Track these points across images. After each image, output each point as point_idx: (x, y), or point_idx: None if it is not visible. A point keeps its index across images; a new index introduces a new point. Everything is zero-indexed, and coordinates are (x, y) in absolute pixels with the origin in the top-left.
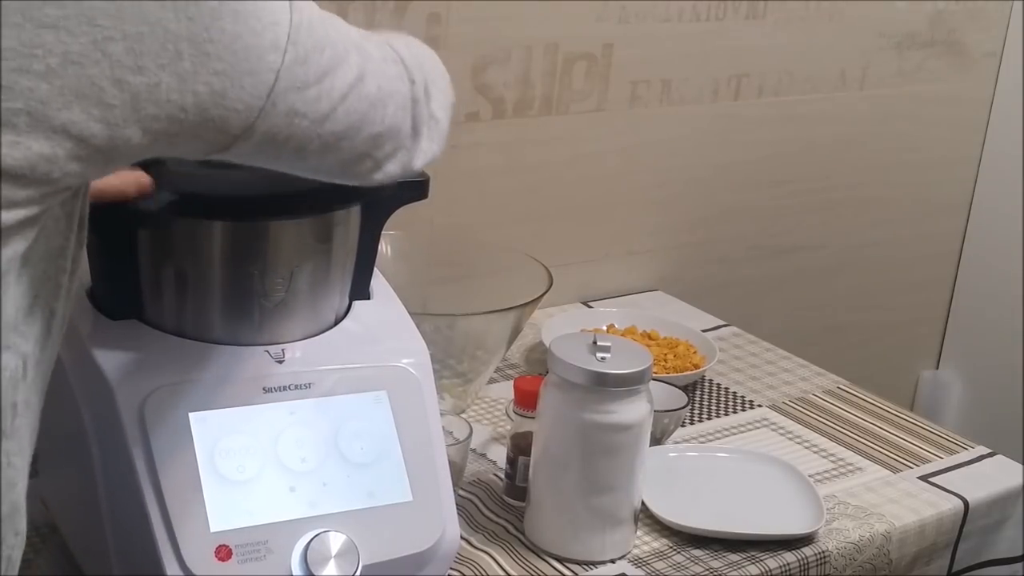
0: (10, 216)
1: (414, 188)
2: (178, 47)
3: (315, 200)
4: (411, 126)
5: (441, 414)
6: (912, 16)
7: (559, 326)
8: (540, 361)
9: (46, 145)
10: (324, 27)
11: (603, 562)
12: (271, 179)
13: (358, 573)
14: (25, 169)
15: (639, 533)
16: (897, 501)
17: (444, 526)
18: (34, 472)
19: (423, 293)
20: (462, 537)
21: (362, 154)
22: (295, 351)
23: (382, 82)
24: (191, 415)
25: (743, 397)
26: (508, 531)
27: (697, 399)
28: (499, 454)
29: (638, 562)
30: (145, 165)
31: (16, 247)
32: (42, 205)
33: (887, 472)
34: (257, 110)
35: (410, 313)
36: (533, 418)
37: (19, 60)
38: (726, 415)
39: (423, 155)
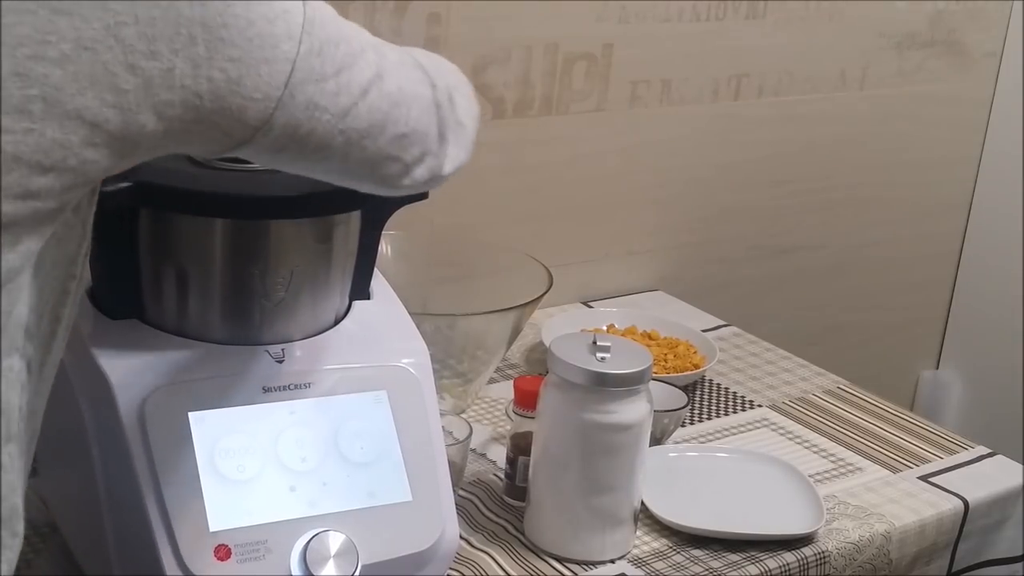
0: (25, 207)
1: None
2: (191, 32)
3: (317, 201)
4: (437, 131)
5: (441, 414)
6: (912, 16)
7: (559, 326)
8: (540, 361)
9: (59, 131)
10: (337, 24)
11: (603, 562)
12: (277, 180)
13: (357, 573)
14: (40, 156)
15: (639, 533)
16: (897, 501)
17: (443, 526)
18: (34, 472)
19: (423, 293)
20: (462, 537)
21: (388, 156)
22: (295, 351)
23: (403, 83)
24: (191, 415)
25: (743, 397)
26: (508, 531)
27: (697, 399)
28: (499, 454)
29: (638, 562)
30: None
31: (31, 244)
32: (59, 199)
33: (887, 472)
34: (275, 100)
35: (410, 313)
36: (533, 418)
37: (33, 47)
38: (726, 415)
39: (451, 161)
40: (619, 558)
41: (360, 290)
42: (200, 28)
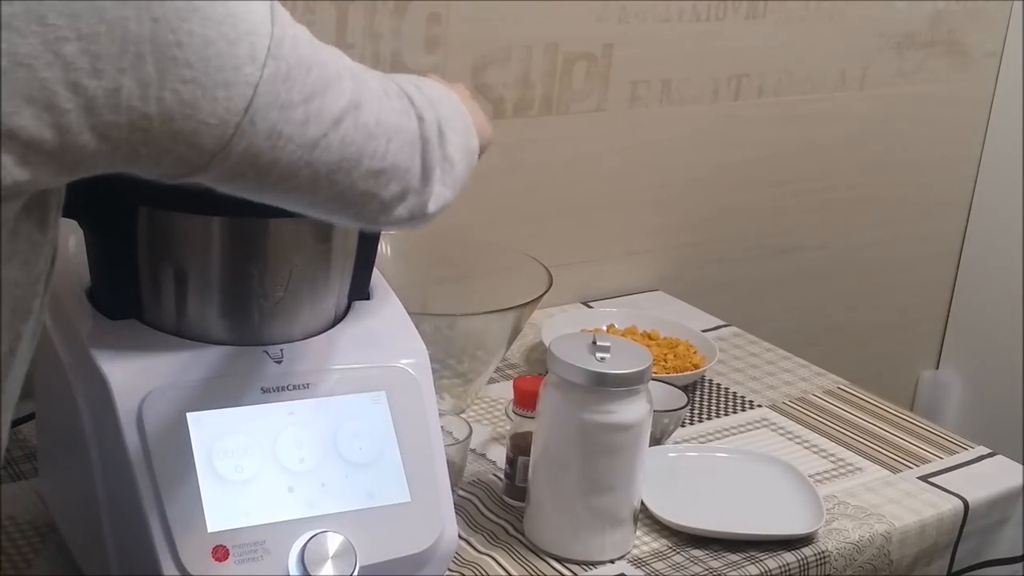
0: None
1: None
2: (140, 49)
3: None
4: (420, 167)
5: (441, 414)
6: (912, 16)
7: (559, 326)
8: (540, 361)
9: None
10: (312, 47)
11: (603, 562)
12: None
13: (355, 574)
14: None
15: (639, 533)
16: (897, 501)
17: (442, 527)
18: (33, 471)
19: (423, 293)
20: (461, 537)
21: (364, 192)
22: (294, 351)
23: (382, 114)
24: (189, 415)
25: (743, 397)
26: (508, 531)
27: (697, 399)
28: (499, 454)
29: (638, 562)
30: None
31: None
32: None
33: (887, 472)
34: (233, 126)
35: (410, 313)
36: (533, 418)
37: None
38: (726, 415)
39: (437, 200)
40: (619, 558)
41: (359, 290)
42: (150, 46)
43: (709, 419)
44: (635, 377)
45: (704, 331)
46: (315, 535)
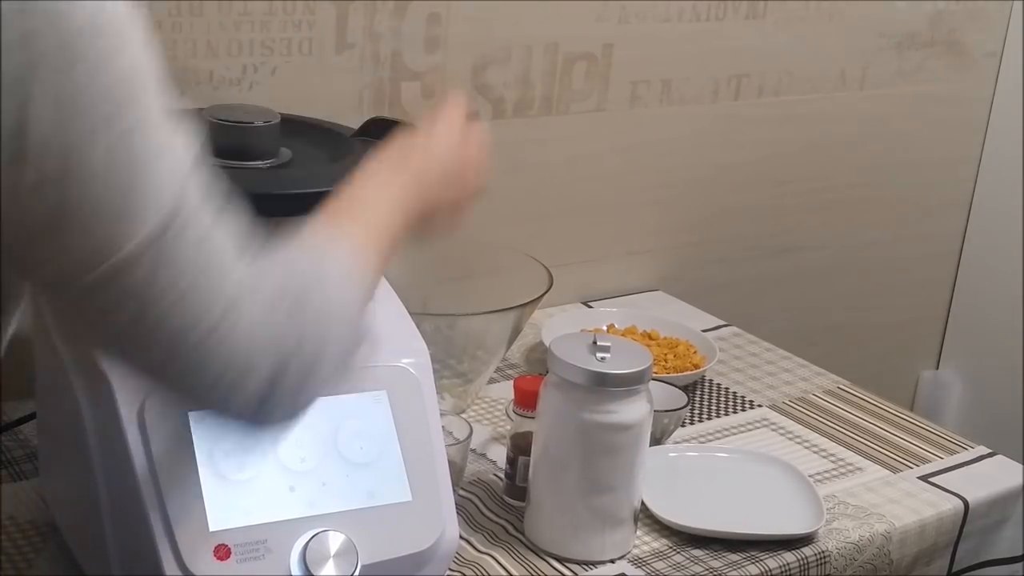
0: None
1: None
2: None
3: (315, 199)
4: (256, 406)
5: (441, 414)
6: (912, 16)
7: (559, 326)
8: (540, 361)
9: None
10: (203, 240)
11: (603, 562)
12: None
13: (356, 573)
14: None
15: (639, 533)
16: (897, 501)
17: (443, 526)
18: (34, 471)
19: (423, 293)
20: (462, 537)
21: (188, 394)
22: None
23: (255, 330)
24: (191, 415)
25: (743, 397)
26: (508, 531)
27: (697, 399)
28: (499, 454)
29: (638, 562)
30: None
31: None
32: None
33: (887, 472)
34: (75, 285)
35: (410, 313)
36: (533, 418)
37: None
38: (726, 415)
39: (270, 427)
40: (619, 558)
41: None
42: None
43: (709, 419)
44: (635, 377)
45: (704, 331)
46: (316, 534)
